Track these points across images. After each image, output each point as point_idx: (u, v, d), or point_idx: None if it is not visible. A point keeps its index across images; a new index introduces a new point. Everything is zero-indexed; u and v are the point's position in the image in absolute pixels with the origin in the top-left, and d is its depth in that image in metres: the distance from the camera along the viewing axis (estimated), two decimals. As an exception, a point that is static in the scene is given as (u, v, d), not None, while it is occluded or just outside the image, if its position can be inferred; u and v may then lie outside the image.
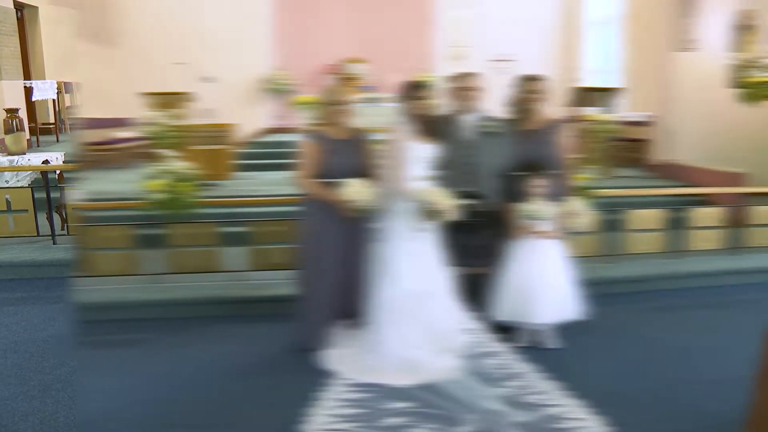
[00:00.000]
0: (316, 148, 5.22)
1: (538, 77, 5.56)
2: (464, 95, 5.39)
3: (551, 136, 5.51)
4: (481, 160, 5.36)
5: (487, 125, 5.38)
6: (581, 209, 5.42)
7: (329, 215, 5.21)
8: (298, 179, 5.28)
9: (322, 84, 18.63)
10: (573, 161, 5.93)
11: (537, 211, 5.28)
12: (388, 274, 5.13)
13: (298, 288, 5.40)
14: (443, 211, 5.01)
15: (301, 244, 5.31)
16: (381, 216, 5.26)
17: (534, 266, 5.31)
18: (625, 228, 7.58)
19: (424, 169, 5.23)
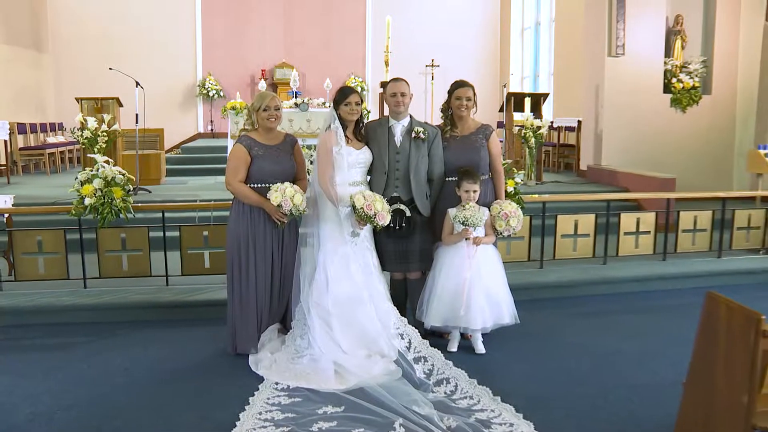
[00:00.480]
0: (246, 153, 5.20)
1: (468, 83, 5.61)
2: (395, 101, 5.40)
3: (482, 142, 5.57)
4: (413, 166, 5.38)
5: (418, 130, 5.40)
6: (512, 213, 5.47)
7: (259, 220, 5.22)
8: (228, 184, 5.24)
9: (251, 89, 18.64)
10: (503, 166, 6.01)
11: (469, 216, 5.30)
12: (319, 278, 5.17)
13: (228, 292, 5.36)
14: (375, 216, 5.07)
15: (231, 248, 5.27)
16: (311, 221, 5.31)
17: (466, 271, 5.32)
18: (555, 233, 7.73)
19: (356, 174, 5.29)
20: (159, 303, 6.44)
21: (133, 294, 6.59)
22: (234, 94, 16.66)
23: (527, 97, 12.00)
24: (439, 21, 19.44)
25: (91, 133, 9.80)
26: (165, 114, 17.47)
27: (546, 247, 7.68)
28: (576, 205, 9.19)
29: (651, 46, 12.15)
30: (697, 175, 11.96)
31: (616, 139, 12.14)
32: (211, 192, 10.15)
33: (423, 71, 18.79)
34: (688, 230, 8.23)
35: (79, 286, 6.82)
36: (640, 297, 7.28)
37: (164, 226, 6.96)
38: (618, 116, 12.08)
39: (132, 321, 6.31)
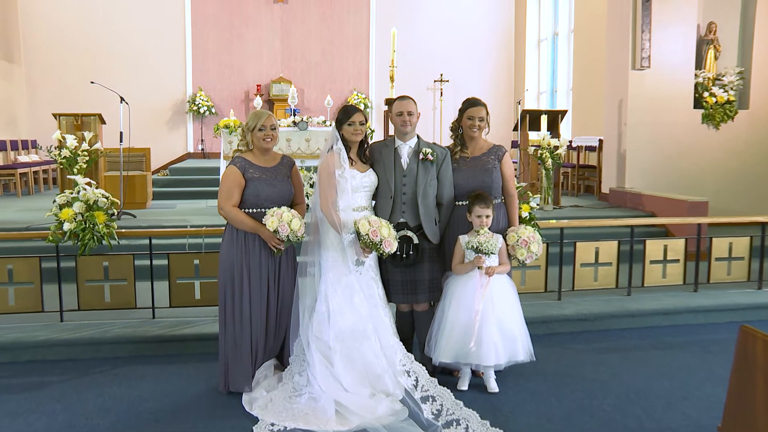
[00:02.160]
0: (240, 176, 5.25)
1: (481, 102, 5.67)
2: (401, 120, 5.46)
3: (494, 163, 5.64)
4: (420, 189, 5.43)
5: (426, 152, 5.46)
6: (532, 239, 5.50)
7: (254, 247, 5.27)
8: (220, 208, 5.28)
9: (246, 106, 18.74)
10: (517, 189, 6.05)
11: (482, 242, 5.33)
12: (320, 310, 5.20)
13: (220, 326, 5.37)
14: (381, 242, 5.10)
15: (224, 278, 5.29)
16: (312, 248, 5.34)
17: (478, 303, 5.32)
18: (574, 262, 7.75)
19: (360, 198, 5.35)
20: (144, 337, 6.42)
21: (115, 328, 6.58)
22: (227, 111, 16.77)
23: (543, 115, 12.03)
24: (448, 33, 19.53)
25: (71, 152, 9.82)
26: (152, 132, 17.56)
27: (564, 277, 7.71)
28: (597, 231, 9.23)
29: (680, 57, 12.11)
30: (733, 197, 11.93)
31: (641, 159, 12.11)
32: (202, 217, 10.21)
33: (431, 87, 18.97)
34: (722, 258, 8.22)
35: (55, 320, 6.81)
36: (669, 332, 7.26)
37: (151, 254, 6.99)
38: (643, 134, 12.05)
39: (113, 357, 6.29)
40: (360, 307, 5.21)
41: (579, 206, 12.00)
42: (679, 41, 12.10)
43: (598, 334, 7.11)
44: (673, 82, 12.10)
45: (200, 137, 18.64)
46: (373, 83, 19.53)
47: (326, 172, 5.25)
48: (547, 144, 11.20)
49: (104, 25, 17.93)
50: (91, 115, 10.82)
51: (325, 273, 5.24)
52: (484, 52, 19.96)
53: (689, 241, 8.21)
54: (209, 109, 18.28)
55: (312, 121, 11.90)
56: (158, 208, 11.74)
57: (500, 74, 20.09)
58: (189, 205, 12.15)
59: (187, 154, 18.64)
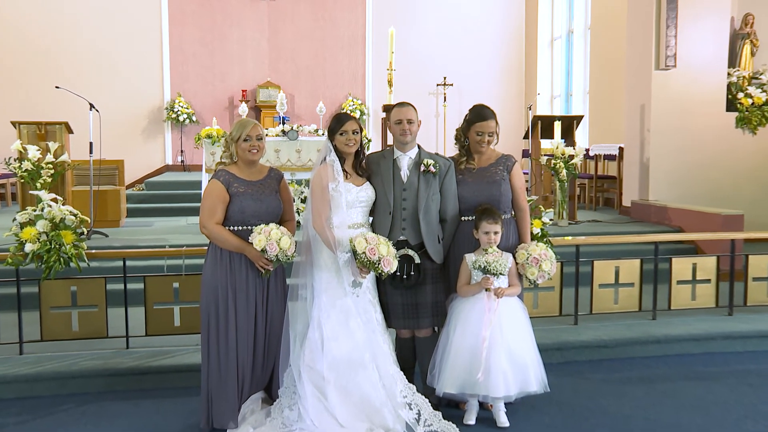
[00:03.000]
0: (224, 190, 5.26)
1: (491, 114, 5.70)
2: (400, 129, 5.49)
3: (503, 174, 5.67)
4: (422, 204, 5.45)
5: (428, 163, 5.49)
6: (543, 256, 5.52)
7: (240, 268, 5.28)
8: (203, 226, 5.29)
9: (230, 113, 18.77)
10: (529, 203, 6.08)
11: (491, 261, 5.33)
12: (313, 337, 5.22)
13: (203, 356, 5.36)
14: (379, 261, 5.11)
15: (206, 302, 5.29)
16: (304, 269, 5.37)
17: (485, 328, 5.32)
18: (591, 282, 7.77)
19: (356, 214, 5.38)
20: (117, 370, 6.39)
21: (84, 360, 6.53)
22: (209, 120, 16.76)
23: (557, 121, 12.04)
24: (451, 32, 19.61)
25: (33, 164, 9.70)
26: (125, 143, 17.59)
27: (581, 300, 7.71)
28: (617, 248, 9.25)
29: (710, 54, 12.04)
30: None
31: (666, 168, 12.11)
32: (182, 236, 10.24)
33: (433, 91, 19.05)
34: (760, 278, 8.19)
35: (14, 353, 6.74)
36: (700, 360, 7.21)
37: (125, 277, 6.98)
38: (669, 141, 12.04)
39: (81, 394, 6.21)
40: (356, 333, 5.23)
41: (597, 221, 12.04)
42: (710, 36, 12.01)
43: (619, 362, 7.10)
44: (702, 82, 12.04)
45: (179, 148, 18.69)
46: (370, 88, 19.60)
47: (319, 186, 5.29)
48: (562, 153, 11.22)
49: (71, 24, 17.92)
50: (57, 124, 10.71)
51: (318, 296, 5.27)
52: (492, 53, 20.03)
53: (722, 258, 8.18)
54: (189, 117, 18.32)
55: (303, 129, 11.93)
56: (133, 226, 11.77)
57: (509, 77, 20.16)
58: (167, 223, 12.19)
59: (165, 167, 18.66)
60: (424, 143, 5.85)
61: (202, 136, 11.61)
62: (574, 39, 18.59)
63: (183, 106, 18.35)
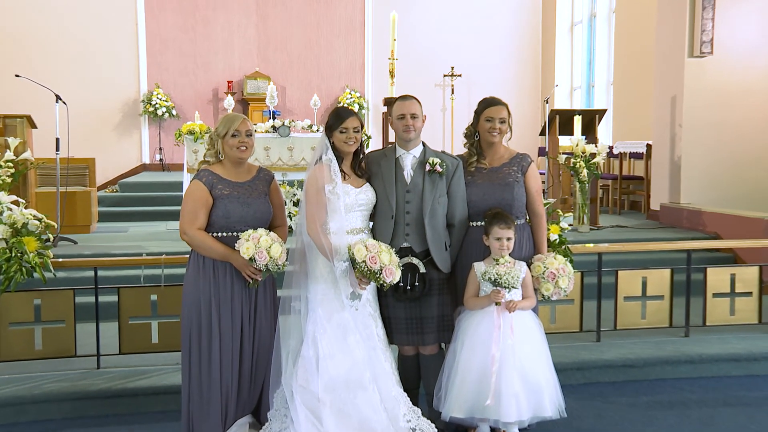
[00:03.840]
0: (207, 193, 5.27)
1: (502, 102, 5.74)
2: (404, 125, 5.52)
3: (516, 175, 5.70)
4: (427, 207, 5.48)
5: (434, 162, 5.52)
6: (561, 271, 5.55)
7: (225, 279, 5.29)
8: (184, 232, 5.29)
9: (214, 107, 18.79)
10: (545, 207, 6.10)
11: (502, 273, 5.32)
12: (307, 355, 5.24)
13: (183, 376, 5.38)
14: (380, 271, 5.11)
15: (188, 317, 5.30)
16: (297, 280, 5.39)
17: (496, 347, 5.33)
18: (616, 295, 7.78)
19: (355, 219, 5.41)
20: (86, 393, 6.36)
21: (48, 382, 6.48)
22: (191, 114, 16.78)
23: (577, 115, 12.05)
24: (460, 17, 19.60)
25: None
26: (97, 139, 17.60)
27: (604, 314, 7.73)
28: (645, 257, 9.27)
29: (754, 39, 11.94)
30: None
31: (700, 167, 12.07)
32: (161, 243, 10.27)
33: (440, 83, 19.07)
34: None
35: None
36: (741, 384, 7.14)
37: (96, 289, 6.99)
38: (703, 137, 11.99)
39: (45, 420, 6.18)
40: (355, 350, 5.25)
41: (622, 227, 12.04)
42: (754, 19, 11.91)
43: (647, 384, 7.09)
44: (743, 70, 11.96)
45: (158, 145, 18.69)
46: (370, 79, 19.62)
47: (314, 188, 5.31)
48: (582, 151, 11.21)
49: (36, 6, 17.86)
50: (17, 117, 10.56)
51: (313, 309, 5.29)
52: (505, 40, 20.03)
53: (765, 268, 8.17)
54: (168, 111, 18.32)
55: (295, 125, 11.92)
56: (105, 231, 11.79)
57: (524, 66, 20.18)
58: (144, 229, 12.21)
59: (141, 166, 18.66)
60: (430, 140, 5.89)
61: (183, 132, 11.57)
62: (597, 24, 18.59)
63: (161, 99, 18.34)
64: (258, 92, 18.52)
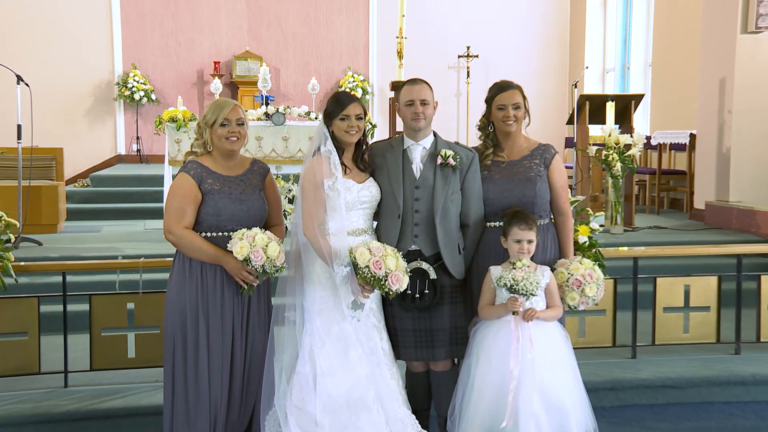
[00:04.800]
0: (195, 187, 5.29)
1: (514, 85, 5.76)
2: (412, 112, 5.53)
3: (539, 169, 5.70)
4: (439, 205, 5.49)
5: (446, 154, 5.53)
6: (588, 278, 5.55)
7: (215, 284, 5.30)
8: (168, 232, 5.30)
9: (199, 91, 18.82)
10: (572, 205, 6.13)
11: (519, 279, 5.24)
12: (303, 371, 5.26)
13: (165, 395, 5.40)
14: (386, 277, 5.11)
15: (171, 328, 5.32)
16: (292, 286, 5.40)
17: (513, 362, 5.31)
18: (654, 305, 7.75)
19: (357, 218, 5.44)
20: (52, 415, 6.33)
21: (7, 403, 6.43)
22: (173, 99, 16.81)
23: (610, 101, 12.04)
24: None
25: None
26: (65, 126, 17.60)
27: (641, 327, 7.71)
28: (688, 262, 9.27)
29: None
30: None
31: (752, 160, 12.01)
32: (140, 244, 10.34)
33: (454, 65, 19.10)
34: None
35: None
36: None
37: (65, 296, 6.97)
38: (756, 125, 11.91)
39: None
40: (358, 366, 5.27)
41: (661, 228, 12.07)
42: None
43: (691, 408, 7.05)
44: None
45: (135, 134, 18.70)
46: (375, 61, 19.64)
47: (311, 183, 5.33)
48: (615, 142, 11.19)
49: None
50: None
51: (310, 320, 5.31)
52: (528, 16, 20.01)
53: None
54: (147, 95, 18.33)
55: (291, 112, 11.93)
56: (75, 231, 11.83)
57: (550, 46, 20.14)
58: (120, 228, 12.26)
59: (116, 157, 18.67)
60: (442, 130, 5.92)
61: (163, 119, 11.57)
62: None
63: (139, 81, 18.35)
64: (248, 75, 18.55)
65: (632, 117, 12.47)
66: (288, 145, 11.36)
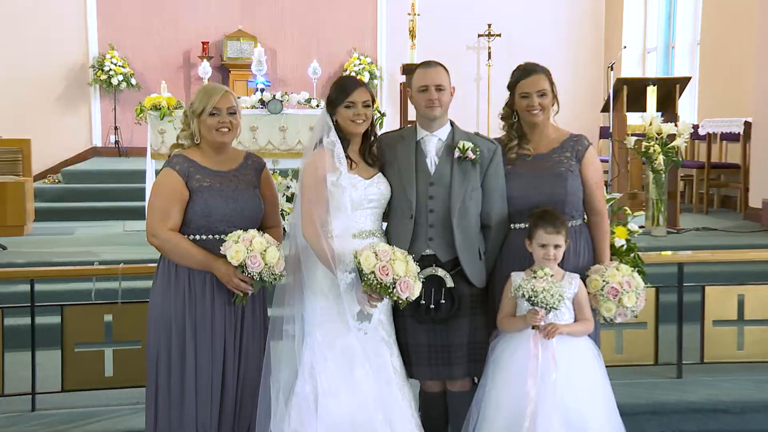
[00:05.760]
0: (182, 184, 5.30)
1: (540, 68, 5.74)
2: (427, 99, 5.52)
3: (570, 163, 5.70)
4: (456, 204, 5.49)
5: (464, 147, 5.52)
6: (626, 286, 5.49)
7: (204, 294, 5.31)
8: (152, 235, 5.31)
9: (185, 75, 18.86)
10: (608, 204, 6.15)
11: (539, 290, 5.19)
12: (303, 391, 5.27)
13: (148, 419, 5.41)
14: (394, 285, 5.08)
15: (155, 342, 5.34)
16: (291, 295, 5.41)
17: (531, 382, 5.30)
18: (702, 318, 7.74)
19: (364, 218, 5.46)
20: None
21: None
22: (155, 84, 16.78)
23: (652, 85, 12.06)
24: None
25: None
26: (33, 115, 17.59)
27: (687, 342, 7.71)
28: (741, 268, 9.29)
29: None
30: None
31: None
32: (118, 248, 10.40)
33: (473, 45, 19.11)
34: None
35: None
36: None
37: (33, 307, 7.01)
38: None
39: None
40: (364, 385, 5.27)
41: (710, 229, 12.11)
42: None
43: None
44: None
45: (113, 124, 18.70)
46: (384, 41, 19.64)
47: (312, 179, 5.34)
48: (658, 131, 11.17)
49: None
50: None
51: (311, 333, 5.31)
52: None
53: None
54: (126, 80, 18.34)
55: (289, 99, 11.95)
56: (45, 233, 11.88)
57: (582, 23, 20.14)
58: (96, 230, 12.35)
59: (91, 150, 18.67)
60: (460, 119, 5.91)
61: (145, 107, 11.61)
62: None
63: (117, 64, 18.34)
64: (241, 57, 18.60)
65: (677, 103, 12.48)
66: (286, 136, 11.40)
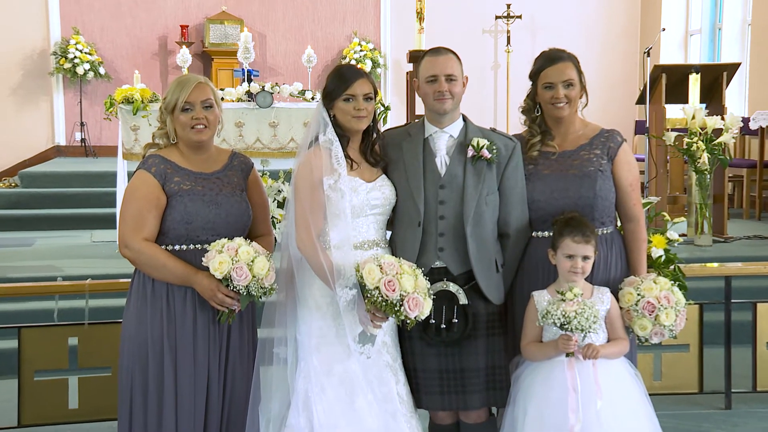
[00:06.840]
0: (158, 188, 5.31)
1: (566, 55, 5.76)
2: (436, 90, 5.51)
3: (600, 162, 5.70)
4: (470, 210, 5.48)
5: (479, 144, 5.53)
6: (664, 302, 5.48)
7: (185, 312, 5.31)
8: (124, 245, 5.30)
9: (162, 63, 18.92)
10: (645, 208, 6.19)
11: (569, 317, 5.14)
12: (297, 424, 5.26)
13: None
14: (401, 302, 5.07)
15: (128, 368, 5.33)
16: (281, 313, 5.41)
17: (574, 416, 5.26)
18: (755, 339, 7.76)
19: (367, 226, 5.46)
20: None
21: None
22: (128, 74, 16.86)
23: (695, 73, 12.08)
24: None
25: None
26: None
27: (737, 369, 7.73)
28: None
29: None
30: None
31: None
32: (86, 262, 10.42)
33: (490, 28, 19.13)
34: None
35: None
36: None
37: None
38: None
39: None
40: (367, 417, 5.25)
41: (762, 237, 12.14)
42: None
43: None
44: None
45: (79, 119, 18.69)
46: (387, 25, 19.66)
47: (307, 182, 5.34)
48: (702, 126, 11.18)
49: None
50: None
51: (306, 357, 5.30)
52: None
53: None
54: (94, 69, 18.31)
55: (281, 91, 11.97)
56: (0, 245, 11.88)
57: (614, 3, 20.14)
58: (59, 241, 12.37)
59: (54, 149, 18.68)
60: (475, 113, 5.96)
61: (116, 100, 11.60)
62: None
63: (83, 51, 18.30)
64: (226, 42, 18.63)
65: (724, 93, 12.49)
66: (277, 133, 11.41)
